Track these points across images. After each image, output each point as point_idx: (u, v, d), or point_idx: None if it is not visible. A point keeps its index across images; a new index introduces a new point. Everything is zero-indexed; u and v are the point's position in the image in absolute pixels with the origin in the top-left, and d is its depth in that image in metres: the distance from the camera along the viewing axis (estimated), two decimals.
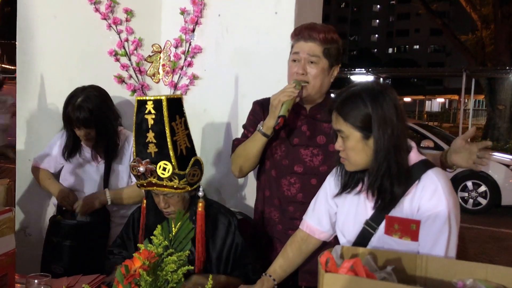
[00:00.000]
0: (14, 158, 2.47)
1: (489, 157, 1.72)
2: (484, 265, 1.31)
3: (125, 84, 2.84)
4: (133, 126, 1.79)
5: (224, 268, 1.93)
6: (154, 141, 1.75)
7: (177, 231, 1.51)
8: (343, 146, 1.56)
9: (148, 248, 1.37)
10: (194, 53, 2.81)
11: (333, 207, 1.75)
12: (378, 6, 77.00)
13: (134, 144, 1.80)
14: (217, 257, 1.92)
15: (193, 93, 2.84)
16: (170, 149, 1.73)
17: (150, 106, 1.74)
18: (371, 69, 15.79)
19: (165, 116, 1.73)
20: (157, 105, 1.73)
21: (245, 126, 2.17)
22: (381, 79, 16.03)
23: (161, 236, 1.41)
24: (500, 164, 7.93)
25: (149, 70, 2.88)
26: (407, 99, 36.85)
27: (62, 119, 2.39)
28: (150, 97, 1.75)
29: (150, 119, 1.74)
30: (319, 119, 2.05)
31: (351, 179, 1.63)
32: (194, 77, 2.82)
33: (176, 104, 1.79)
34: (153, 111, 1.74)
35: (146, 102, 1.75)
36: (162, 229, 1.44)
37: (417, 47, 70.13)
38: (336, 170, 1.70)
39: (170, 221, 1.84)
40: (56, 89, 2.72)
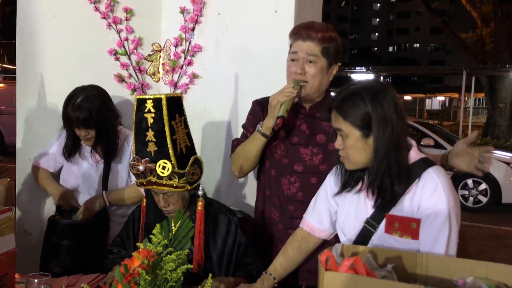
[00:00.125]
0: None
1: (491, 163, 1.71)
2: (485, 263, 1.31)
3: (125, 83, 2.83)
4: (133, 125, 1.79)
5: (226, 268, 1.91)
6: (154, 140, 1.74)
7: (177, 230, 1.51)
8: (343, 145, 1.55)
9: (147, 247, 1.37)
10: (194, 52, 2.81)
11: (334, 206, 1.75)
12: (378, 5, 77.01)
13: (134, 143, 1.80)
14: (218, 257, 1.91)
15: (193, 92, 2.84)
16: (170, 148, 1.72)
17: (150, 105, 1.73)
18: (372, 68, 15.82)
19: (165, 115, 1.72)
20: (157, 104, 1.73)
21: (245, 126, 2.16)
22: (382, 78, 16.02)
23: (160, 235, 1.41)
24: (501, 162, 7.92)
25: (149, 69, 2.88)
26: (408, 98, 36.91)
27: (62, 119, 2.38)
28: (150, 96, 1.75)
29: (150, 118, 1.74)
30: (319, 118, 2.05)
31: (351, 178, 1.63)
32: (194, 76, 2.82)
33: (176, 103, 1.79)
34: (153, 110, 1.73)
35: (146, 101, 1.74)
36: (162, 228, 1.44)
37: (417, 46, 70.09)
38: (336, 169, 1.70)
39: (170, 220, 1.84)
40: (56, 89, 2.72)
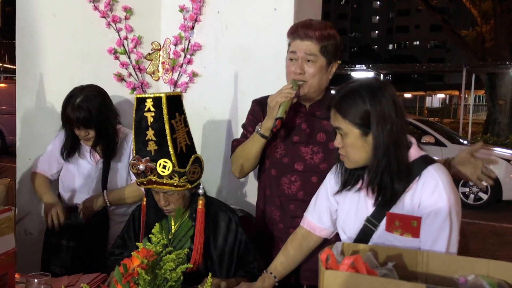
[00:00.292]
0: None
1: (494, 176, 1.71)
2: (486, 261, 1.31)
3: (125, 82, 2.83)
4: (133, 124, 1.78)
5: (227, 267, 1.91)
6: (154, 139, 1.73)
7: (177, 229, 1.51)
8: (342, 143, 1.55)
9: (147, 247, 1.37)
10: (194, 51, 2.80)
11: (334, 205, 1.74)
12: (378, 3, 76.95)
13: (134, 142, 1.79)
14: (219, 255, 1.90)
15: (193, 91, 2.83)
16: (170, 147, 1.72)
17: (150, 104, 1.73)
18: (372, 66, 15.82)
19: (165, 114, 1.71)
20: (157, 103, 1.72)
21: (245, 126, 2.16)
22: (382, 75, 16.03)
23: (160, 235, 1.41)
24: (501, 159, 7.91)
25: (149, 68, 2.88)
26: (408, 95, 36.89)
27: (61, 119, 2.37)
28: (150, 95, 1.74)
29: (150, 117, 1.73)
30: (319, 116, 2.04)
31: (351, 177, 1.63)
32: (194, 75, 2.82)
33: (176, 102, 1.78)
34: (153, 109, 1.73)
35: (146, 100, 1.74)
36: (161, 228, 1.44)
37: (417, 43, 70.07)
38: (336, 168, 1.69)
39: (170, 219, 1.83)
40: (56, 88, 2.71)
